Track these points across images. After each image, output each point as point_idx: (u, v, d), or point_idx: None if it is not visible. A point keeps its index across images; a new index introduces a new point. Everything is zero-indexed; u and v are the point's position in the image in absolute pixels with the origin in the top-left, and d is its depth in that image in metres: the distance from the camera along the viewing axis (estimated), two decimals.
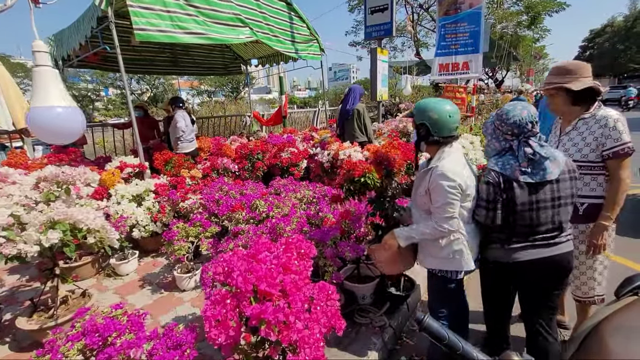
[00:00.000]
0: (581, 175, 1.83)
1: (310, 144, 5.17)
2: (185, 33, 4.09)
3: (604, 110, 1.79)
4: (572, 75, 1.78)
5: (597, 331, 1.07)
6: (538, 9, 15.08)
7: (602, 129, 1.75)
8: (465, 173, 1.59)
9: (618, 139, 1.71)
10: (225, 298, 1.24)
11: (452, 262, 1.65)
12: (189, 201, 3.13)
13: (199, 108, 15.71)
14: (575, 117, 1.87)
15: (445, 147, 1.64)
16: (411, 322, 2.17)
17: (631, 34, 35.57)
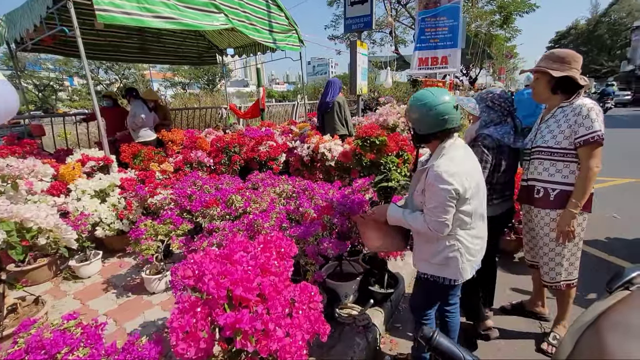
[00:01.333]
0: (554, 161, 1.83)
1: (290, 137, 5.02)
2: (154, 17, 3.80)
3: (580, 100, 1.79)
4: (561, 63, 1.76)
5: (595, 329, 1.03)
6: (510, 9, 15.56)
7: (576, 116, 1.74)
8: (465, 172, 1.42)
9: (590, 127, 1.71)
10: (195, 306, 1.09)
11: (445, 269, 1.53)
12: (159, 197, 2.91)
13: (172, 100, 15.03)
14: (555, 105, 1.87)
15: (446, 142, 1.48)
16: (417, 336, 2.06)
17: (593, 36, 37.70)
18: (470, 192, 1.43)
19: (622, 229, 3.45)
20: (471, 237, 1.51)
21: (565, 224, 1.78)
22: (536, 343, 2.06)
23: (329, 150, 3.80)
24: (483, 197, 1.55)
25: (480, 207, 1.53)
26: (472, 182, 1.44)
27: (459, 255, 1.49)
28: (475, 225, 1.51)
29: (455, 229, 1.48)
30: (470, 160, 1.53)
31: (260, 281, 1.19)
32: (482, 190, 1.55)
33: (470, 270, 1.54)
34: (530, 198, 1.95)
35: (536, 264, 2.13)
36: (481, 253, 1.59)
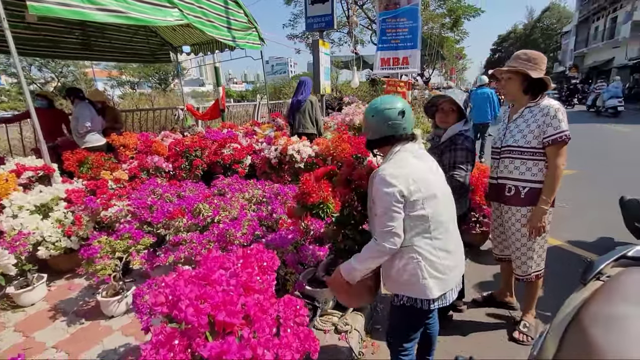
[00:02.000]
0: (524, 160, 1.92)
1: (255, 139, 4.85)
2: (97, 9, 3.44)
3: (547, 100, 1.89)
4: (533, 63, 1.84)
5: (578, 325, 1.06)
6: (459, 13, 16.54)
7: (544, 117, 1.83)
8: (412, 174, 1.34)
9: (557, 127, 1.81)
10: (172, 338, 0.96)
11: (408, 286, 1.39)
12: (114, 209, 2.63)
13: (121, 100, 13.93)
14: (523, 105, 1.95)
15: (395, 147, 1.44)
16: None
17: (529, 40, 41.37)
18: (419, 195, 1.32)
19: (570, 217, 3.78)
20: (434, 248, 1.36)
21: (537, 220, 1.87)
22: (508, 332, 2.16)
23: (298, 152, 3.72)
24: (446, 206, 1.43)
25: (443, 215, 1.39)
26: (422, 185, 1.34)
27: (419, 269, 1.34)
28: (438, 235, 1.37)
29: (412, 238, 1.35)
30: (424, 164, 1.45)
31: (244, 301, 1.08)
32: (444, 197, 1.42)
33: (436, 288, 1.35)
34: (500, 196, 2.02)
35: (504, 258, 2.24)
36: (453, 272, 1.42)
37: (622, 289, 1.13)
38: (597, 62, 26.52)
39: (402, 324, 1.53)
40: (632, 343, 0.89)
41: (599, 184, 5.05)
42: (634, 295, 1.08)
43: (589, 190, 4.75)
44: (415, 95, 11.81)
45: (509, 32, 48.39)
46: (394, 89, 5.23)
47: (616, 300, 1.08)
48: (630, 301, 1.05)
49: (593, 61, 27.61)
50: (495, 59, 50.38)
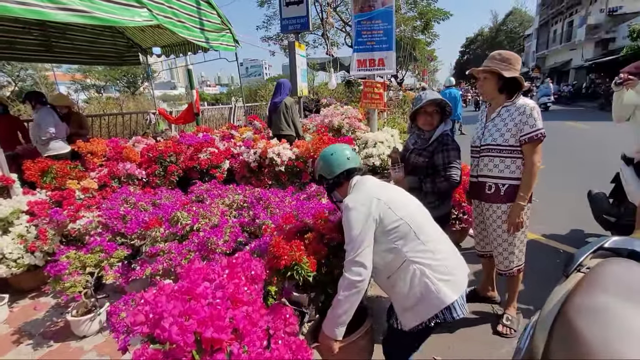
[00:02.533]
0: (503, 158, 1.96)
1: (232, 142, 4.73)
2: (58, 9, 3.22)
3: (522, 100, 1.95)
4: (508, 64, 1.88)
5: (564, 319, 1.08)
6: (429, 16, 17.06)
7: (520, 115, 1.89)
8: (377, 195, 1.37)
9: (533, 125, 1.87)
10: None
11: (430, 301, 1.30)
12: (82, 220, 2.46)
13: (86, 105, 13.23)
14: (499, 104, 2.00)
15: (352, 180, 1.53)
16: None
17: (495, 42, 43.33)
18: (386, 208, 1.34)
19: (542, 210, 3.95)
20: (429, 252, 1.33)
21: (516, 216, 1.92)
22: (492, 326, 2.20)
23: (278, 154, 3.65)
24: (419, 210, 1.46)
25: (418, 218, 1.40)
26: (386, 198, 1.37)
27: (426, 278, 1.30)
28: (426, 238, 1.35)
29: (404, 253, 1.32)
30: (385, 185, 1.52)
31: (232, 315, 1.02)
32: (413, 203, 1.47)
33: (450, 291, 1.30)
34: (481, 194, 2.06)
35: (486, 254, 2.29)
36: (459, 271, 1.40)
37: (601, 281, 1.17)
38: (557, 63, 28.18)
39: (402, 340, 1.48)
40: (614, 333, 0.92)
41: (565, 179, 5.33)
42: (613, 286, 1.11)
43: (557, 184, 5.00)
44: (391, 96, 12.03)
45: (476, 35, 50.47)
46: (371, 90, 5.26)
47: (597, 291, 1.11)
48: (610, 292, 1.08)
49: (554, 62, 29.32)
50: (464, 61, 52.41)
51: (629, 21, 18.76)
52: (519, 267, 2.08)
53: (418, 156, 2.07)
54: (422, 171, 2.07)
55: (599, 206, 2.91)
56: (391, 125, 7.00)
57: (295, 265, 1.39)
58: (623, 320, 0.90)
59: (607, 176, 3.10)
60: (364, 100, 5.29)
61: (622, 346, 0.82)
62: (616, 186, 2.98)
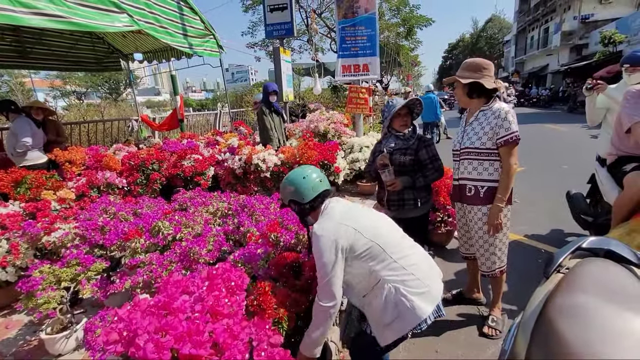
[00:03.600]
0: (481, 161, 2.00)
1: (217, 149, 4.67)
2: (33, 14, 3.12)
3: (498, 104, 1.99)
4: (472, 71, 1.95)
5: (545, 319, 1.09)
6: (412, 23, 17.38)
7: (496, 119, 1.93)
8: (345, 221, 1.38)
9: (508, 129, 1.91)
10: None
11: (406, 316, 1.32)
12: (58, 233, 2.36)
13: (65, 112, 12.86)
14: (476, 109, 2.04)
15: (323, 206, 1.51)
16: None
17: (475, 48, 44.57)
18: (355, 232, 1.35)
19: (523, 211, 4.04)
20: (401, 269, 1.36)
21: (494, 218, 1.95)
22: (478, 328, 2.22)
23: (263, 160, 3.62)
24: (389, 226, 1.50)
25: (390, 236, 1.44)
26: (355, 225, 1.37)
27: (400, 295, 1.32)
28: (398, 256, 1.38)
29: (376, 273, 1.35)
30: (353, 209, 1.51)
31: (211, 329, 0.99)
32: (382, 220, 1.51)
33: (425, 304, 1.33)
34: (462, 196, 2.09)
35: (470, 256, 2.31)
36: (432, 280, 1.42)
37: (580, 281, 1.19)
38: (535, 68, 29.18)
39: (385, 351, 1.47)
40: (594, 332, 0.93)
41: (545, 180, 5.47)
42: (592, 287, 1.14)
43: (538, 185, 5.13)
44: (376, 100, 12.17)
45: (457, 40, 51.81)
46: (357, 95, 5.31)
47: (577, 292, 1.13)
48: (589, 292, 1.10)
49: (532, 67, 30.34)
50: (447, 66, 53.66)
51: (600, 28, 19.63)
52: (501, 268, 2.11)
53: (403, 155, 2.19)
54: (409, 168, 2.19)
55: (577, 206, 2.99)
56: (377, 129, 7.07)
57: (276, 321, 1.33)
58: (603, 321, 0.91)
59: (585, 177, 3.20)
60: (350, 105, 5.33)
61: (603, 347, 0.83)
62: (592, 186, 3.07)
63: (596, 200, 3.01)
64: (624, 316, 0.90)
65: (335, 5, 5.33)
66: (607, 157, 2.54)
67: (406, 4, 17.44)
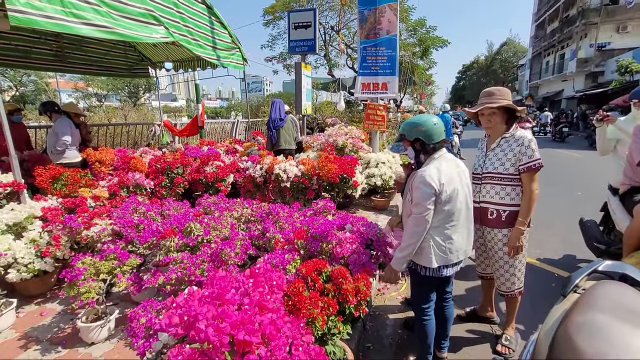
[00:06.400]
0: (503, 186, 2.10)
1: (237, 156, 4.85)
2: (83, 24, 3.39)
3: (520, 131, 2.10)
4: (508, 98, 2.05)
5: (563, 333, 1.18)
6: (427, 43, 17.72)
7: (519, 147, 2.03)
8: (443, 179, 1.69)
9: (532, 156, 2.01)
10: (192, 359, 0.96)
11: (419, 256, 1.79)
12: (96, 228, 2.52)
13: (90, 114, 13.35)
14: (499, 135, 2.14)
15: (435, 153, 1.79)
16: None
17: (490, 70, 44.87)
18: (445, 194, 1.69)
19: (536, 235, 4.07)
20: (443, 235, 1.76)
21: (516, 240, 2.03)
22: (491, 346, 2.27)
23: (284, 171, 3.77)
24: (462, 201, 1.78)
25: (459, 208, 1.76)
26: (447, 187, 1.69)
27: (428, 246, 1.76)
28: (448, 226, 1.76)
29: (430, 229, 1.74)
30: (455, 169, 1.79)
31: (259, 321, 1.10)
32: (462, 196, 1.78)
33: (437, 260, 1.76)
34: (483, 219, 2.18)
35: (487, 276, 2.38)
36: (455, 253, 1.79)
37: (597, 301, 1.28)
38: (550, 93, 29.18)
39: (415, 288, 1.99)
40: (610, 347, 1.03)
41: (559, 205, 5.50)
42: (608, 307, 1.23)
43: (552, 210, 5.16)
44: (390, 117, 12.35)
45: (472, 62, 52.26)
46: (374, 112, 5.47)
47: (594, 311, 1.22)
48: (605, 311, 1.19)
49: (546, 92, 30.35)
50: (460, 86, 54.00)
51: (617, 57, 19.65)
52: (520, 289, 2.18)
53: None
54: None
55: (590, 234, 3.04)
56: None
57: (309, 321, 1.42)
58: (618, 337, 1.02)
59: (598, 204, 3.25)
60: (367, 122, 5.49)
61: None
62: (605, 214, 3.13)
63: (609, 228, 3.06)
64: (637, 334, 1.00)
65: (357, 26, 5.55)
66: (620, 187, 2.61)
67: (423, 25, 17.82)
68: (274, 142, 5.25)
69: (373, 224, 2.37)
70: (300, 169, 3.85)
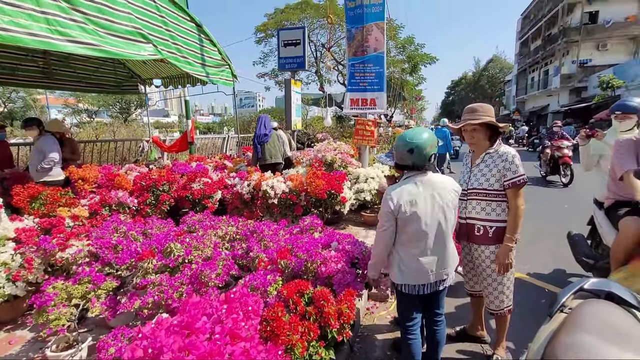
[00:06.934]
0: (489, 202, 2.08)
1: (225, 173, 4.79)
2: (68, 41, 3.37)
3: (504, 147, 2.10)
4: (490, 114, 2.06)
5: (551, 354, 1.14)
6: (416, 60, 18.21)
7: (503, 162, 2.03)
8: (405, 199, 1.67)
9: (516, 172, 2.00)
10: None
11: (390, 269, 1.84)
12: (72, 249, 2.42)
13: (78, 130, 13.21)
14: (483, 151, 2.14)
15: (412, 171, 1.78)
16: None
17: (477, 86, 46.09)
18: (406, 217, 1.67)
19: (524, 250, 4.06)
20: (410, 257, 1.76)
21: (504, 257, 2.00)
22: None
23: (272, 187, 3.72)
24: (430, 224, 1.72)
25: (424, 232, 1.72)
26: (409, 210, 1.67)
27: (394, 263, 1.79)
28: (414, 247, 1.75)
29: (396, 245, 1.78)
30: (429, 191, 1.73)
31: (230, 351, 1.03)
32: (430, 219, 1.72)
33: (400, 276, 1.76)
34: (470, 236, 2.14)
35: (475, 293, 2.34)
36: (419, 275, 1.76)
37: (583, 322, 1.25)
38: (536, 107, 29.96)
39: (398, 305, 1.96)
40: None
41: (546, 218, 5.52)
42: (595, 327, 1.20)
43: (541, 224, 5.17)
44: (380, 132, 12.47)
45: (460, 78, 53.66)
46: (363, 127, 5.50)
47: (580, 331, 1.18)
48: (592, 332, 1.16)
49: (532, 106, 31.16)
50: (449, 101, 55.23)
51: (598, 73, 20.39)
52: (509, 307, 2.14)
53: None
54: None
55: (578, 248, 3.03)
56: None
57: (288, 348, 1.34)
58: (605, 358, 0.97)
59: (585, 216, 3.26)
60: (357, 137, 5.51)
61: None
62: (592, 228, 3.13)
63: (597, 242, 3.06)
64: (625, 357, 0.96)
65: (346, 44, 5.66)
66: (605, 201, 2.62)
67: (412, 42, 18.33)
68: (259, 157, 5.28)
69: (359, 242, 2.33)
70: (288, 185, 3.81)
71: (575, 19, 24.52)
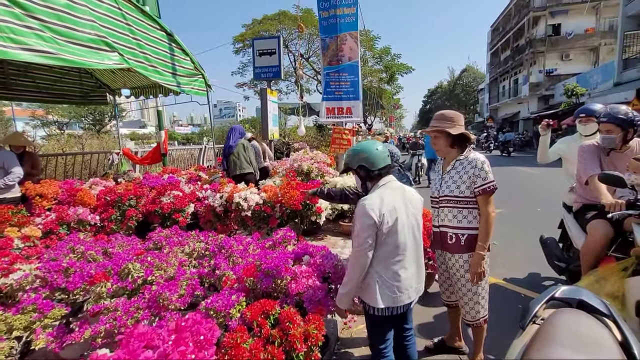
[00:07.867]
0: (460, 209, 2.05)
1: (199, 185, 4.61)
2: (22, 49, 3.15)
3: (473, 154, 2.09)
4: (452, 122, 2.04)
5: None
6: (393, 70, 18.65)
7: (473, 169, 2.01)
8: (385, 209, 1.58)
9: (485, 178, 1.99)
10: None
11: (366, 293, 1.67)
12: (17, 274, 2.19)
13: (44, 142, 12.57)
14: (453, 158, 2.12)
15: (380, 181, 1.72)
16: None
17: (453, 95, 47.72)
18: (387, 226, 1.57)
19: (501, 254, 4.10)
20: (390, 273, 1.64)
21: (477, 266, 1.96)
22: None
23: (245, 199, 3.59)
24: (408, 234, 1.67)
25: (403, 244, 1.65)
26: (390, 218, 1.58)
27: (373, 282, 1.63)
28: (395, 261, 1.64)
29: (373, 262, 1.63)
30: (400, 198, 1.69)
31: None
32: (407, 227, 1.67)
33: (384, 300, 1.62)
34: (444, 244, 2.11)
35: (452, 303, 2.29)
36: (403, 292, 1.66)
37: (555, 334, 1.20)
38: (508, 115, 31.26)
39: (370, 328, 1.81)
40: None
41: (520, 222, 5.64)
42: (566, 339, 1.16)
43: (515, 227, 5.27)
44: (360, 140, 12.58)
45: (436, 87, 55.45)
46: (340, 136, 5.48)
47: (553, 345, 1.14)
48: (564, 345, 1.12)
49: (505, 113, 32.50)
50: (427, 109, 56.80)
51: (563, 81, 21.55)
52: (485, 317, 2.10)
53: None
54: None
55: (551, 252, 3.07)
56: None
57: None
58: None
59: (558, 219, 3.32)
60: (333, 146, 5.48)
61: None
62: (563, 231, 3.18)
63: (567, 245, 3.11)
64: None
65: (321, 53, 5.67)
66: (573, 204, 2.67)
67: (388, 53, 18.77)
68: (224, 169, 5.17)
69: (332, 254, 2.24)
70: (262, 197, 3.69)
71: (540, 31, 25.96)
